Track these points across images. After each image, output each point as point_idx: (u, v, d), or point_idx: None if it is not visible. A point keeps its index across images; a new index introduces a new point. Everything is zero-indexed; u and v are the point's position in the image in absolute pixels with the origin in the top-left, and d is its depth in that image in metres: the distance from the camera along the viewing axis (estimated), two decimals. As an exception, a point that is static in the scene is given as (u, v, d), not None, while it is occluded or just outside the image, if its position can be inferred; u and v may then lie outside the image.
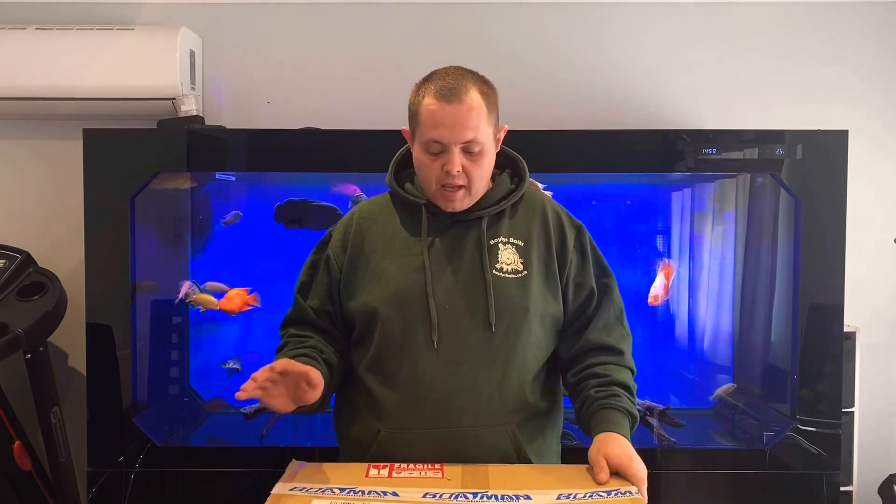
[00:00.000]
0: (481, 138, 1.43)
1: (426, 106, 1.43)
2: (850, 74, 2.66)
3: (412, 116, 1.48)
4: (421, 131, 1.45)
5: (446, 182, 1.45)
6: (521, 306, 1.47)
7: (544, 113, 2.58)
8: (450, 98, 1.41)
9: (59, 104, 2.48)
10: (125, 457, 2.30)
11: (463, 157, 1.44)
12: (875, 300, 2.69)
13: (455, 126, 1.41)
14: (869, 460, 2.56)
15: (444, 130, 1.41)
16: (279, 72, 2.67)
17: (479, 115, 1.43)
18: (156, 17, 2.64)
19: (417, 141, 1.47)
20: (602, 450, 1.36)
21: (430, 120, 1.42)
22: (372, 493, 1.26)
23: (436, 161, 1.44)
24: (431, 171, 1.45)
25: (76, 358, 2.66)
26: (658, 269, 2.47)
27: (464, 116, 1.41)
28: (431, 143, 1.43)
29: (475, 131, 1.42)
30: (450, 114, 1.41)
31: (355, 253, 1.53)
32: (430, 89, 1.44)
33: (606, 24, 2.67)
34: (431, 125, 1.42)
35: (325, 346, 1.52)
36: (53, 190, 2.66)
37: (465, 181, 1.45)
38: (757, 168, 2.35)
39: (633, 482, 1.32)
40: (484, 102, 1.44)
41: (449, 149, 1.43)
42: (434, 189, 1.47)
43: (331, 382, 1.48)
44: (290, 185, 2.53)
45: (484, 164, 1.47)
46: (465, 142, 1.42)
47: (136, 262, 2.32)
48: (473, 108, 1.42)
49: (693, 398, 2.57)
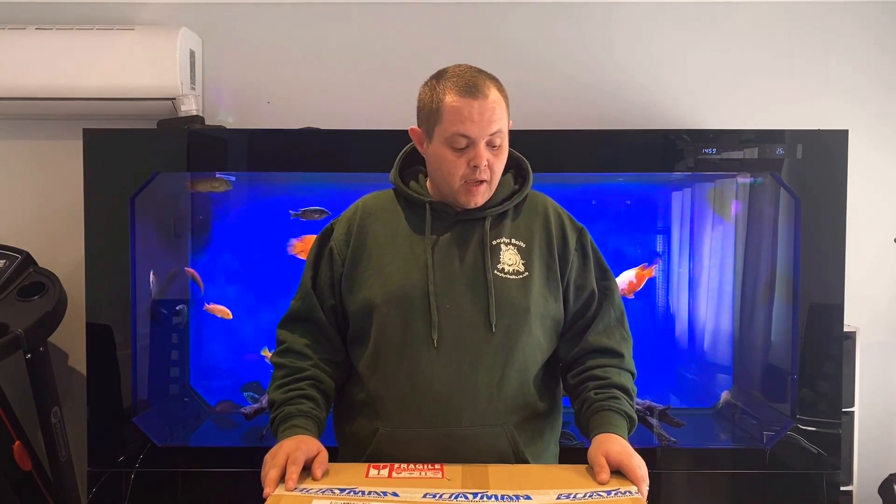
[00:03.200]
0: (504, 130, 1.46)
1: (449, 103, 1.43)
2: (850, 74, 2.66)
3: (430, 115, 1.47)
4: (444, 127, 1.45)
5: (471, 177, 1.46)
6: (522, 307, 1.47)
7: (544, 113, 2.58)
8: (475, 94, 1.42)
9: (59, 104, 2.48)
10: (125, 457, 2.30)
11: (487, 151, 1.45)
12: (875, 300, 2.69)
13: (482, 121, 1.43)
14: (869, 460, 2.56)
15: (472, 125, 1.43)
16: (279, 72, 2.67)
17: (502, 108, 1.45)
18: (156, 17, 2.64)
19: (438, 138, 1.47)
20: (601, 449, 1.36)
21: (455, 115, 1.43)
22: (372, 494, 1.26)
23: (461, 157, 1.45)
24: (456, 167, 1.46)
25: (76, 358, 2.66)
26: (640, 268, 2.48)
27: (490, 110, 1.43)
28: (458, 137, 1.44)
29: (500, 124, 1.45)
30: (477, 109, 1.42)
31: (358, 247, 1.53)
32: (449, 86, 1.44)
33: (606, 24, 2.67)
34: (458, 120, 1.43)
35: (322, 371, 1.51)
36: (53, 190, 2.66)
37: (488, 176, 1.47)
38: (757, 168, 2.35)
39: (633, 480, 1.32)
40: (502, 97, 1.46)
41: (476, 143, 1.44)
42: (458, 185, 1.47)
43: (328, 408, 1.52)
44: (289, 186, 2.53)
45: (503, 158, 1.49)
46: (491, 135, 1.44)
47: (136, 262, 2.32)
48: (497, 101, 1.44)
49: (693, 398, 2.58)
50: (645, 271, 2.47)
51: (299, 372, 1.50)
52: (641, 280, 2.47)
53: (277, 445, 1.37)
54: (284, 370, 1.51)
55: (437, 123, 1.46)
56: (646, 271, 2.47)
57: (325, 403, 1.50)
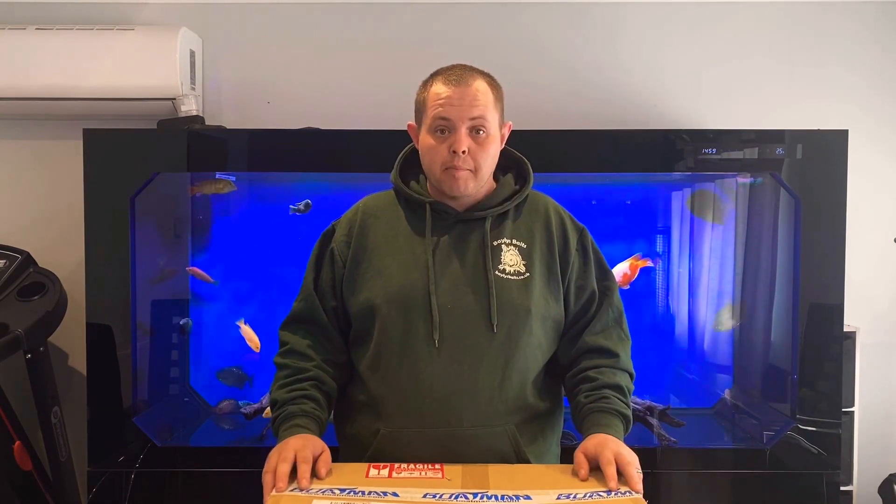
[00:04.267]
0: (488, 118, 1.46)
1: (434, 90, 1.47)
2: (850, 74, 2.66)
3: (419, 106, 1.51)
4: (428, 114, 1.47)
5: (451, 163, 1.45)
6: (523, 308, 1.47)
7: (543, 112, 2.58)
8: (458, 82, 1.45)
9: (59, 104, 2.48)
10: (125, 457, 2.30)
11: (469, 138, 1.45)
12: (875, 300, 2.69)
13: (462, 104, 1.44)
14: (869, 460, 2.57)
15: (452, 108, 1.44)
16: (279, 72, 2.67)
17: (487, 97, 1.46)
18: (156, 17, 2.64)
19: (424, 126, 1.48)
20: (581, 447, 1.37)
21: (437, 100, 1.45)
22: (372, 494, 1.26)
23: (443, 143, 1.45)
24: (438, 153, 1.46)
25: (76, 358, 2.66)
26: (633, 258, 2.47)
27: (471, 96, 1.44)
28: (438, 120, 1.45)
29: (483, 110, 1.45)
30: (458, 94, 1.44)
31: (358, 248, 1.53)
32: (437, 78, 1.48)
33: (606, 24, 2.67)
34: (438, 104, 1.45)
35: (324, 372, 1.52)
36: (53, 190, 2.66)
37: (472, 165, 1.46)
38: (757, 168, 2.35)
39: (602, 465, 1.30)
40: (490, 90, 1.47)
41: (456, 127, 1.44)
42: (440, 172, 1.47)
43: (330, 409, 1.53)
44: (290, 185, 2.53)
45: (490, 151, 1.48)
46: (471, 118, 1.44)
47: (136, 263, 2.32)
48: (480, 90, 1.45)
49: (693, 398, 2.58)
50: (639, 261, 2.46)
51: (302, 372, 1.50)
52: (635, 270, 2.45)
53: (283, 442, 1.37)
54: (287, 370, 1.51)
55: (424, 112, 1.48)
56: (640, 261, 2.46)
57: (326, 404, 1.50)
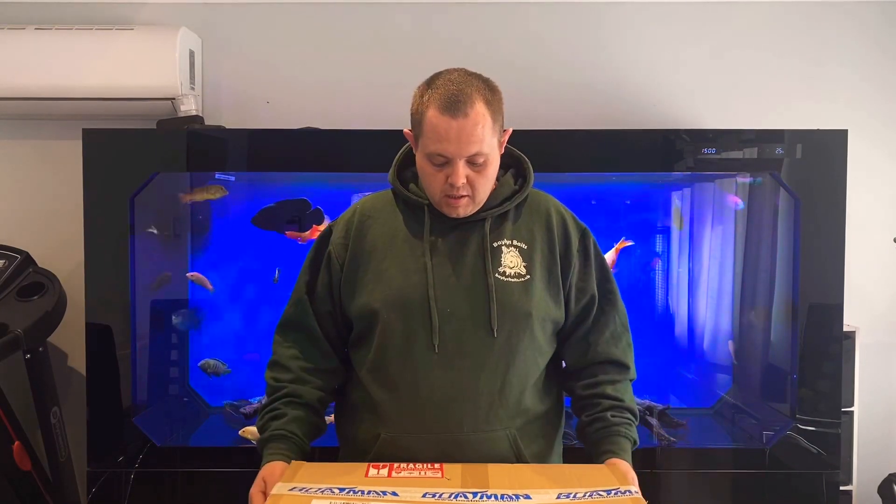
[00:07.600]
0: (486, 150, 1.41)
1: (430, 118, 1.40)
2: (849, 74, 2.66)
3: (415, 123, 1.46)
4: (424, 143, 1.43)
5: (450, 192, 1.43)
6: (524, 311, 1.46)
7: (543, 113, 2.58)
8: (454, 112, 1.38)
9: (59, 104, 2.48)
10: (125, 457, 2.30)
11: (467, 168, 1.42)
12: (875, 300, 2.69)
13: (460, 141, 1.39)
14: (869, 460, 2.56)
15: (449, 145, 1.39)
16: (279, 72, 2.66)
17: (485, 127, 1.40)
18: (155, 17, 2.64)
19: (421, 150, 1.45)
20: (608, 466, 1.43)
21: (433, 133, 1.40)
22: (371, 493, 1.26)
23: (440, 172, 1.43)
24: (436, 181, 1.44)
25: (76, 358, 2.66)
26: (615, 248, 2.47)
27: (469, 132, 1.38)
28: (435, 156, 1.42)
29: (480, 145, 1.40)
30: (455, 129, 1.38)
31: (357, 250, 1.51)
32: (434, 98, 1.40)
33: (606, 24, 2.67)
34: (436, 139, 1.40)
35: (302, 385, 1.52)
36: (53, 190, 2.66)
37: (469, 192, 1.44)
38: (757, 168, 2.35)
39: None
40: (489, 113, 1.41)
41: (453, 162, 1.41)
42: (438, 198, 1.46)
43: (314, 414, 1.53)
44: (289, 185, 2.53)
45: (488, 174, 1.45)
46: (470, 155, 1.41)
47: (136, 263, 2.32)
48: (479, 122, 1.39)
49: (693, 398, 2.58)
50: (619, 244, 2.45)
51: (278, 391, 1.52)
52: (615, 253, 2.45)
53: (261, 470, 1.44)
54: (268, 389, 1.55)
55: (420, 135, 1.44)
56: (620, 244, 2.45)
57: (304, 414, 1.50)
